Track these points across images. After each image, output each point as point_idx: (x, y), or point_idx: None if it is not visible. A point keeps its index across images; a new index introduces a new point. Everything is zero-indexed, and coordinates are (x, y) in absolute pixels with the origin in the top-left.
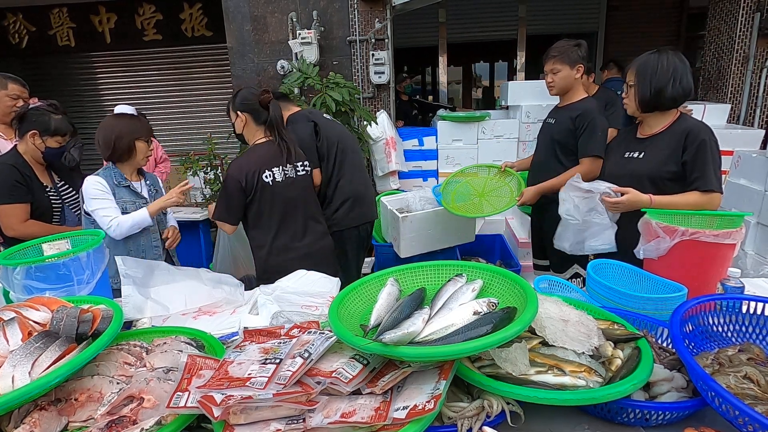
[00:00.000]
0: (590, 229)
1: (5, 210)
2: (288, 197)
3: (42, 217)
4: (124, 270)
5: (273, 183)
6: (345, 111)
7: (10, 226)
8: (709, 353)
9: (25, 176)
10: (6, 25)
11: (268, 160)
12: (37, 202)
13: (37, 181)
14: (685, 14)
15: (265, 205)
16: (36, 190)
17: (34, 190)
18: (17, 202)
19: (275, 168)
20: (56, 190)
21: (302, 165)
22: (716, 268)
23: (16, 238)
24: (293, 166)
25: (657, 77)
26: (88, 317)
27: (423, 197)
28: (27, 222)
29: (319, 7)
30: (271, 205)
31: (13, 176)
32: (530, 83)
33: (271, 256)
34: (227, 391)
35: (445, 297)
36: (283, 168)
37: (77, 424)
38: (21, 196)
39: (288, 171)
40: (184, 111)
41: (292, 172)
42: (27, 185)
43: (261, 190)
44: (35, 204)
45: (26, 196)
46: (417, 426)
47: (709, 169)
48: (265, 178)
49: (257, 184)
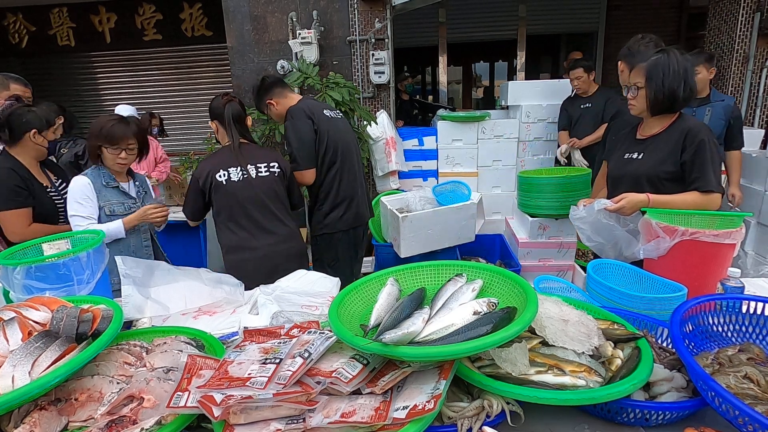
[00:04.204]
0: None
1: (8, 216)
2: (244, 197)
3: (48, 220)
4: (124, 270)
5: (227, 182)
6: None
7: (15, 231)
8: (709, 353)
9: (24, 179)
10: (6, 25)
11: (226, 160)
12: (40, 204)
13: (37, 182)
14: (685, 14)
15: (220, 203)
16: (37, 192)
17: (36, 192)
18: (19, 207)
19: (231, 168)
20: (56, 190)
21: (267, 166)
22: (716, 268)
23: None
24: (254, 167)
25: (670, 79)
26: (88, 317)
27: (423, 197)
28: (32, 226)
29: (319, 6)
30: (226, 204)
31: (12, 180)
32: (530, 83)
33: (228, 255)
34: (227, 391)
35: (445, 297)
36: (241, 168)
37: (77, 424)
38: (22, 201)
39: (245, 171)
40: (184, 111)
41: (253, 172)
42: (27, 188)
43: (215, 189)
44: (39, 207)
45: (28, 200)
46: (417, 426)
47: (708, 169)
48: (218, 177)
49: (212, 184)
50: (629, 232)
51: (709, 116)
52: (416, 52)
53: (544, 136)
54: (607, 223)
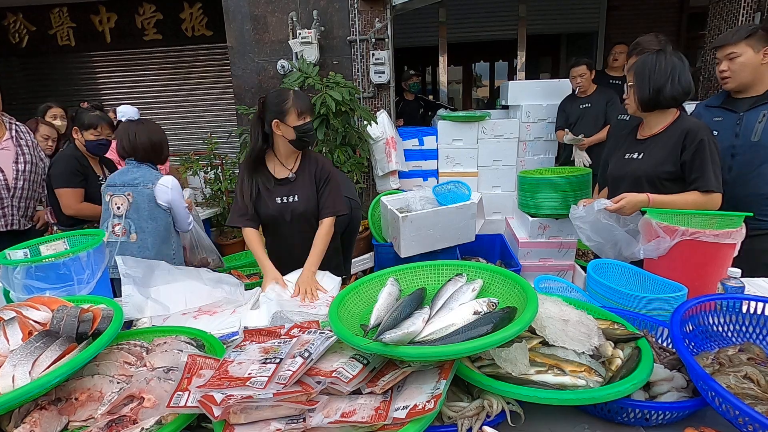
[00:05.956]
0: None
1: (64, 193)
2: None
3: (94, 202)
4: (124, 270)
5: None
6: (345, 111)
7: (69, 205)
8: (709, 353)
9: (83, 166)
10: (6, 25)
11: None
12: (91, 190)
13: (93, 171)
14: (685, 14)
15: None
16: (91, 179)
17: (90, 178)
18: (74, 186)
19: None
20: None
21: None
22: (716, 267)
23: (73, 217)
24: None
25: (655, 76)
26: (89, 317)
27: (423, 197)
28: (82, 204)
29: (319, 6)
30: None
31: (72, 165)
32: (530, 83)
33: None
34: (227, 391)
35: (445, 297)
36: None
37: (77, 424)
38: (77, 183)
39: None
40: (184, 110)
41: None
42: (84, 174)
43: None
44: (89, 191)
45: (81, 183)
46: (417, 426)
47: (708, 169)
48: None
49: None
50: (629, 233)
51: (764, 121)
52: (416, 52)
53: (545, 136)
54: (606, 223)
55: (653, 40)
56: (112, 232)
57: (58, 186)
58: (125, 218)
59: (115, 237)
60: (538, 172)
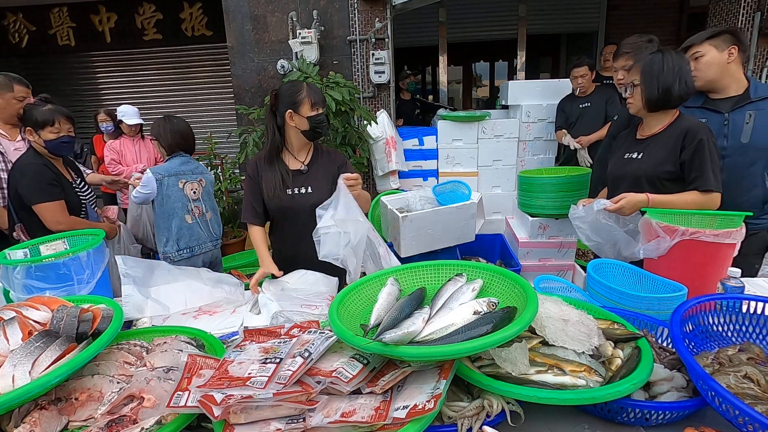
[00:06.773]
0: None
1: (48, 207)
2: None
3: (73, 212)
4: (124, 269)
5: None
6: (345, 110)
7: (58, 221)
8: (709, 353)
9: (54, 173)
10: (6, 25)
11: None
12: (68, 199)
13: (64, 177)
14: (685, 14)
15: None
16: (66, 186)
17: (65, 186)
18: (55, 198)
19: None
20: (78, 186)
21: None
22: (716, 267)
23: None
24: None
25: (664, 76)
26: (89, 317)
27: (423, 197)
28: (72, 217)
29: (319, 6)
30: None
31: (45, 174)
32: (530, 83)
33: None
34: (227, 391)
35: (445, 297)
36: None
37: (77, 424)
38: (57, 194)
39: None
40: (184, 110)
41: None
42: (59, 183)
43: None
44: (67, 201)
45: (61, 193)
46: (417, 425)
47: (707, 168)
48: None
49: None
50: (628, 233)
51: (752, 122)
52: (416, 52)
53: (544, 136)
54: (606, 223)
55: (637, 40)
56: (191, 213)
57: (37, 201)
58: (201, 201)
59: (195, 218)
60: (538, 172)
